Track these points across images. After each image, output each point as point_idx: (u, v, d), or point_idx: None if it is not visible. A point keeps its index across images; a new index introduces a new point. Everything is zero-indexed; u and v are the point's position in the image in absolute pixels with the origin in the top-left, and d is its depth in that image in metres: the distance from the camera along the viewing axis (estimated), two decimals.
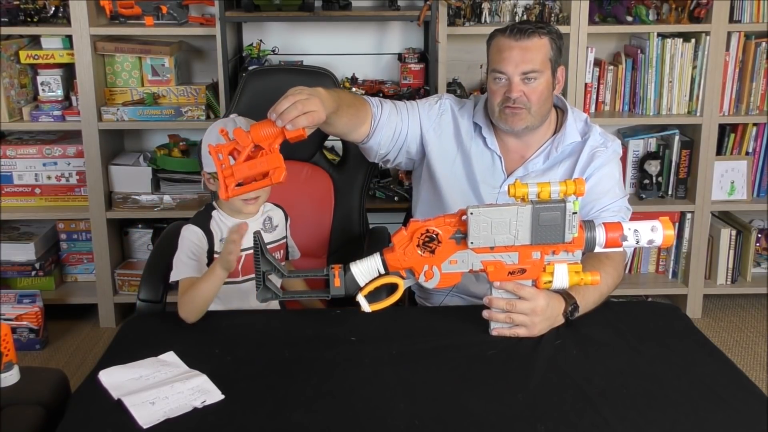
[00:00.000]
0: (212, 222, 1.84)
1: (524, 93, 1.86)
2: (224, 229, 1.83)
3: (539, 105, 1.88)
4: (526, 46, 1.84)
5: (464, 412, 1.36)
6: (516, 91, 1.85)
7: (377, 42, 3.26)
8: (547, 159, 1.95)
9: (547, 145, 1.96)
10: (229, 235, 1.71)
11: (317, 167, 2.32)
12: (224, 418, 1.35)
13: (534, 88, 1.86)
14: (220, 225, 1.84)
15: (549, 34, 1.87)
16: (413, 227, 1.52)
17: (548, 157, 1.95)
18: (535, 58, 1.84)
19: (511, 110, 1.87)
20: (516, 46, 1.84)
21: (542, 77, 1.86)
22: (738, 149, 3.26)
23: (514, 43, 1.85)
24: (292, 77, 2.36)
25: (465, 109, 2.04)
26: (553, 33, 1.88)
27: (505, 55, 1.85)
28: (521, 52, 1.84)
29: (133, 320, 1.82)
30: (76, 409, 1.40)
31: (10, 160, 3.11)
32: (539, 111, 1.89)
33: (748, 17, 3.05)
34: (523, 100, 1.86)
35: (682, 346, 1.61)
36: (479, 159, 1.98)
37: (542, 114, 1.91)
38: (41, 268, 3.18)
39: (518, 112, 1.87)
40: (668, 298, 3.33)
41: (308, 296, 1.67)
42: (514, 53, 1.84)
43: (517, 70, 1.84)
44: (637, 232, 1.53)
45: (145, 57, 3.06)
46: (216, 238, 1.82)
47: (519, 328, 1.60)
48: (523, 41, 1.84)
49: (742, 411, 1.37)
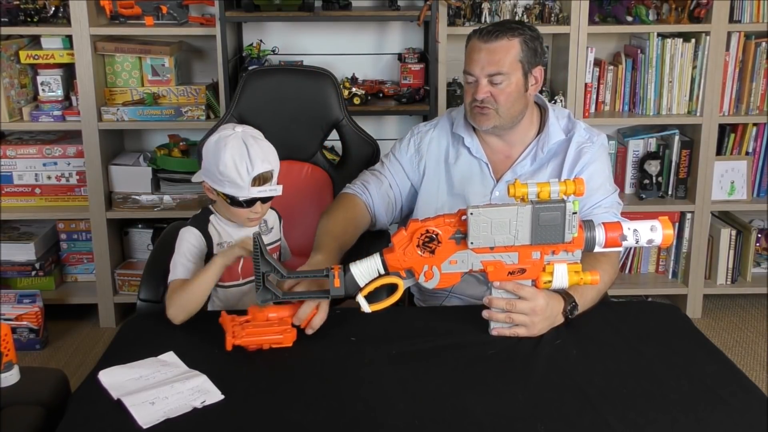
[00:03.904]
0: (210, 226, 1.82)
1: (491, 94, 1.87)
2: (222, 233, 1.82)
3: (507, 106, 1.89)
4: (494, 48, 1.85)
5: (464, 412, 1.36)
6: (481, 93, 1.87)
7: (377, 42, 3.26)
8: (534, 161, 1.96)
9: (533, 147, 1.96)
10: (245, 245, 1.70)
11: (317, 167, 2.33)
12: (224, 418, 1.35)
13: (501, 89, 1.87)
14: (218, 229, 1.83)
15: (521, 35, 1.87)
16: (413, 227, 1.52)
17: (535, 159, 1.96)
18: (501, 60, 1.85)
19: (479, 110, 1.90)
20: (484, 48, 1.86)
21: (510, 79, 1.86)
22: (738, 149, 3.26)
23: (483, 45, 1.87)
24: (292, 77, 2.37)
25: (440, 127, 2.06)
26: (526, 34, 1.88)
27: (473, 57, 1.88)
28: (488, 54, 1.86)
29: (133, 320, 1.82)
30: (76, 409, 1.40)
31: (10, 160, 3.11)
32: (508, 112, 1.90)
33: (748, 17, 3.05)
34: (490, 101, 1.88)
35: (682, 346, 1.61)
36: (467, 170, 2.00)
37: (512, 115, 1.91)
38: (41, 268, 3.18)
39: (486, 113, 1.89)
40: (668, 298, 3.33)
41: (308, 297, 1.67)
42: (482, 55, 1.86)
43: (483, 72, 1.86)
44: (637, 231, 1.53)
45: (145, 57, 3.06)
46: (214, 242, 1.82)
47: (519, 327, 1.60)
48: (490, 43, 1.86)
49: (742, 411, 1.37)
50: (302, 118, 2.30)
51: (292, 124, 2.30)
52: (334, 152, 2.87)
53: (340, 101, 2.31)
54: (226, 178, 1.71)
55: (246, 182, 1.71)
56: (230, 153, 1.70)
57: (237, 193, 1.72)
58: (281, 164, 1.79)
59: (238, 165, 1.69)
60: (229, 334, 1.55)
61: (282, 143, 2.21)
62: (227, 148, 1.70)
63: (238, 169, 1.69)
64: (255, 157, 1.70)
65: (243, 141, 1.72)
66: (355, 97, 2.97)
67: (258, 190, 1.73)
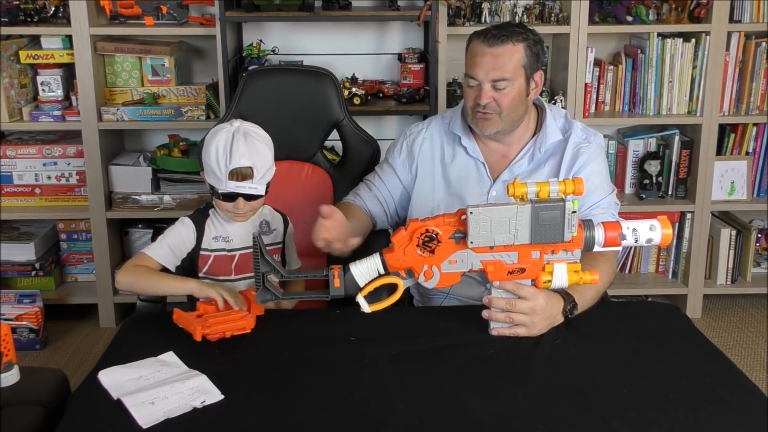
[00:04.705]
0: (208, 220, 1.88)
1: (494, 99, 1.86)
2: (218, 227, 1.87)
3: (510, 111, 1.88)
4: (498, 53, 1.84)
5: (464, 412, 1.36)
6: (485, 98, 1.86)
7: (377, 42, 3.26)
8: (532, 161, 1.96)
9: (530, 147, 1.96)
10: (225, 294, 1.70)
11: (317, 167, 2.32)
12: (224, 418, 1.35)
13: (505, 94, 1.86)
14: (215, 223, 1.88)
15: (525, 40, 1.86)
16: (413, 227, 1.52)
17: (532, 159, 1.96)
18: (506, 65, 1.84)
19: (482, 115, 1.89)
20: (488, 52, 1.84)
21: (513, 84, 1.85)
22: (738, 149, 3.26)
23: (487, 49, 1.85)
24: (292, 77, 2.37)
25: (434, 126, 2.06)
26: (529, 39, 1.87)
27: (477, 60, 1.86)
28: (493, 59, 1.84)
29: (133, 320, 1.82)
30: (76, 409, 1.40)
31: (10, 160, 3.11)
32: (510, 116, 1.89)
33: (748, 17, 3.05)
34: (493, 105, 1.87)
35: (682, 346, 1.61)
36: (464, 169, 2.00)
37: (513, 119, 1.91)
38: (41, 268, 3.18)
39: (489, 117, 1.89)
40: (668, 298, 3.33)
41: (308, 297, 1.67)
42: (486, 59, 1.84)
43: (487, 77, 1.85)
44: (636, 231, 1.53)
45: (145, 57, 3.06)
46: (209, 236, 1.86)
47: (519, 327, 1.60)
48: (495, 48, 1.84)
49: (742, 411, 1.37)
50: (303, 118, 2.30)
51: (293, 124, 2.30)
52: (334, 152, 2.87)
53: (340, 101, 2.31)
54: (209, 168, 1.79)
55: (224, 174, 1.76)
56: (215, 144, 1.77)
57: (217, 184, 1.79)
58: (281, 164, 1.80)
59: (219, 157, 1.76)
60: (198, 326, 1.58)
61: (282, 143, 2.22)
62: (215, 139, 1.78)
63: (218, 161, 1.76)
64: (236, 151, 1.75)
65: (232, 135, 1.78)
66: (355, 97, 2.97)
67: (236, 185, 1.77)
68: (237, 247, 1.87)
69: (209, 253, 1.86)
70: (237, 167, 1.75)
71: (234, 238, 1.87)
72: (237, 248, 1.87)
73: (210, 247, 1.86)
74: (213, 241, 1.85)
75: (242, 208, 1.81)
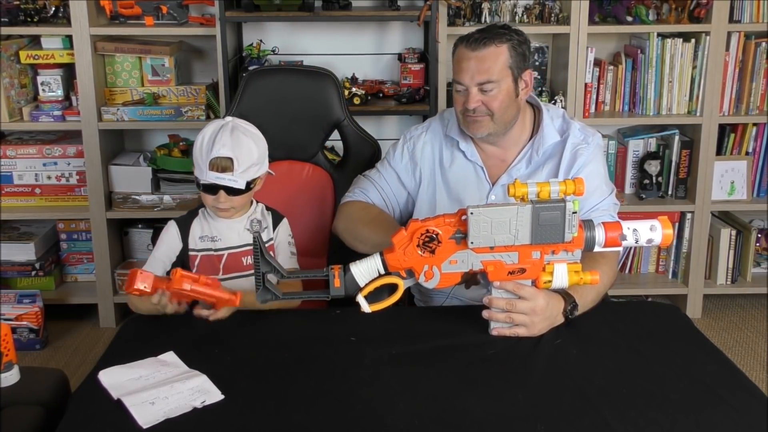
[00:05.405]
0: (196, 219, 1.89)
1: (483, 102, 1.86)
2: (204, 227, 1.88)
3: (501, 112, 1.88)
4: (482, 56, 1.84)
5: (464, 412, 1.36)
6: (473, 102, 1.86)
7: (377, 42, 3.26)
8: (530, 164, 1.96)
9: (527, 149, 1.96)
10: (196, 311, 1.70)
11: (317, 167, 2.32)
12: (224, 418, 1.35)
13: (493, 96, 1.86)
14: (202, 222, 1.89)
15: (509, 41, 1.86)
16: (413, 227, 1.52)
17: (530, 162, 1.96)
18: (491, 68, 1.84)
19: (472, 119, 1.89)
20: (473, 56, 1.85)
21: (501, 86, 1.85)
22: (738, 149, 3.26)
23: (471, 53, 1.85)
24: (293, 77, 2.37)
25: (433, 130, 2.05)
26: (513, 39, 1.87)
27: (462, 66, 1.87)
28: (477, 62, 1.84)
29: (133, 320, 1.82)
30: (76, 409, 1.40)
31: (10, 160, 3.11)
32: (502, 118, 1.89)
33: (748, 17, 3.05)
34: (483, 108, 1.87)
35: (682, 346, 1.61)
36: (462, 174, 1.99)
37: (506, 121, 1.91)
38: (41, 268, 3.18)
39: (480, 120, 1.88)
40: (668, 298, 3.33)
41: (308, 297, 1.67)
42: (471, 64, 1.85)
43: (473, 81, 1.85)
44: (636, 231, 1.53)
45: (145, 57, 3.06)
46: (195, 236, 1.88)
47: (519, 327, 1.60)
48: (479, 51, 1.84)
49: (742, 411, 1.37)
50: (303, 118, 2.30)
51: (293, 125, 2.30)
52: (334, 152, 2.87)
53: (341, 101, 2.31)
54: (194, 159, 1.82)
55: (204, 163, 1.78)
56: (202, 135, 1.81)
57: (198, 174, 1.81)
58: (282, 164, 1.80)
59: (203, 146, 1.79)
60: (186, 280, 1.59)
61: (283, 143, 2.22)
62: (203, 130, 1.82)
63: (201, 150, 1.79)
64: (218, 141, 1.78)
65: (220, 127, 1.81)
66: (355, 97, 2.97)
67: (216, 176, 1.78)
68: (224, 247, 1.87)
69: (196, 254, 1.87)
70: (217, 156, 1.77)
71: (221, 238, 1.87)
72: (224, 248, 1.87)
73: (196, 247, 1.87)
74: (199, 240, 1.86)
75: (223, 203, 1.81)
